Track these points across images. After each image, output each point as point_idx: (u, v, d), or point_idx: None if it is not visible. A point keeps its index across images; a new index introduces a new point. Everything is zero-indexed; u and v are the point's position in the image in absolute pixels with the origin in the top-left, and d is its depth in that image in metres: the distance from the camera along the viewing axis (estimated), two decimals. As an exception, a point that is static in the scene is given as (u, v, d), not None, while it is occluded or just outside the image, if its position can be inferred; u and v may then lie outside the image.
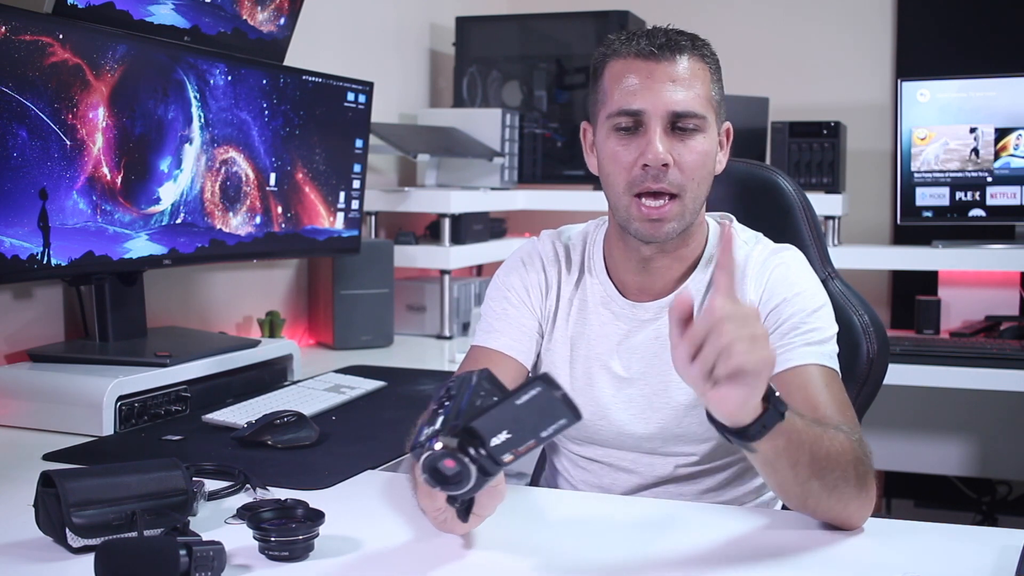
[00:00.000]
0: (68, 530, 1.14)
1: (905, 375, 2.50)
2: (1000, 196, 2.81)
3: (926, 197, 2.86)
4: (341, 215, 2.41)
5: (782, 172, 1.76)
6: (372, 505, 1.36)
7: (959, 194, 2.83)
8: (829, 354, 1.38)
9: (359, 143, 2.44)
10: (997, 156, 2.80)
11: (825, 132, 2.87)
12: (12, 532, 1.21)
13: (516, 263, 1.56)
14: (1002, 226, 2.86)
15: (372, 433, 1.72)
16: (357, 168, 2.44)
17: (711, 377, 1.04)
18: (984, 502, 3.20)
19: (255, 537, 1.14)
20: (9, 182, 1.62)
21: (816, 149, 2.86)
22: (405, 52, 3.17)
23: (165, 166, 1.92)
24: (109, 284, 1.90)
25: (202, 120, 1.99)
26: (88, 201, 1.76)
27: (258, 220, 2.17)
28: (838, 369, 1.38)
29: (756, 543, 1.22)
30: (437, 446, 1.00)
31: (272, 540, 1.13)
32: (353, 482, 1.45)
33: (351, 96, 2.39)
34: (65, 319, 1.99)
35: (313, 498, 1.27)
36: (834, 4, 3.37)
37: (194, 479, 1.27)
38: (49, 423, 1.71)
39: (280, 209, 2.23)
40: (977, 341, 2.69)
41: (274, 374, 2.10)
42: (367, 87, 2.43)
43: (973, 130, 2.81)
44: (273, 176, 2.20)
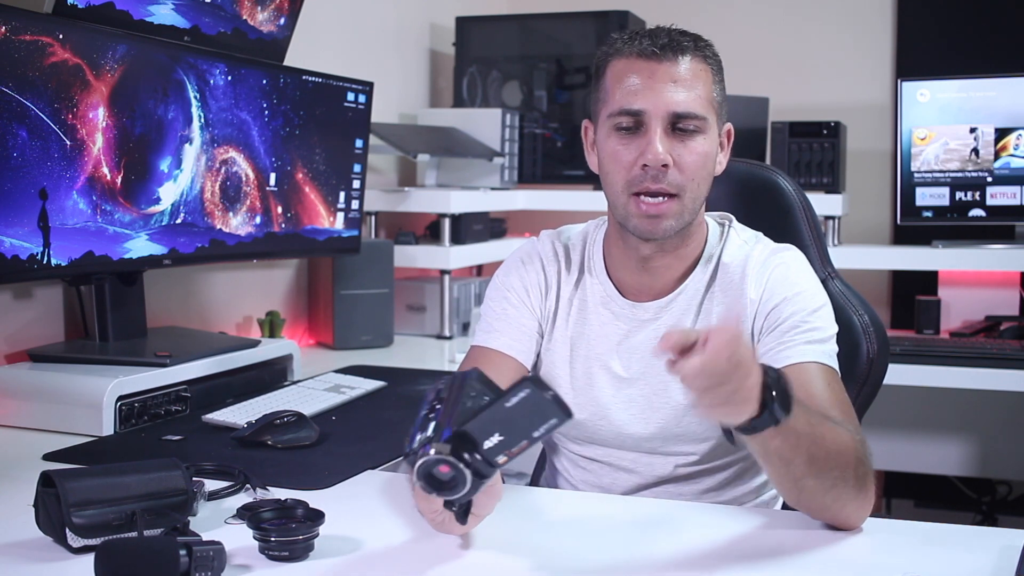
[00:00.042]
0: (68, 530, 1.14)
1: (905, 375, 2.50)
2: (1000, 196, 2.81)
3: (926, 197, 2.86)
4: (341, 215, 2.41)
5: (782, 172, 1.76)
6: (372, 505, 1.36)
7: (959, 194, 2.83)
8: (829, 353, 1.38)
9: (359, 143, 2.44)
10: (997, 156, 2.80)
11: (825, 132, 2.86)
12: (12, 532, 1.21)
13: (516, 263, 1.56)
14: (1002, 226, 2.86)
15: (372, 433, 1.72)
16: (357, 168, 2.44)
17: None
18: (984, 502, 3.20)
19: (255, 537, 1.14)
20: (9, 182, 1.62)
21: (816, 149, 2.86)
22: (405, 52, 3.17)
23: (165, 166, 1.92)
24: (109, 284, 1.90)
25: (202, 120, 1.99)
26: (88, 201, 1.76)
27: (258, 220, 2.17)
28: (838, 369, 1.38)
29: (756, 543, 1.22)
30: (431, 452, 1.01)
31: (272, 540, 1.13)
32: (353, 482, 1.45)
33: (351, 96, 2.39)
34: (65, 319, 1.99)
35: (313, 498, 1.27)
36: (834, 4, 3.37)
37: (194, 479, 1.27)
38: (49, 423, 1.71)
39: (280, 209, 2.23)
40: (977, 341, 2.69)
41: (274, 374, 2.10)
42: (367, 87, 2.43)
43: (973, 130, 2.81)
44: (273, 176, 2.20)
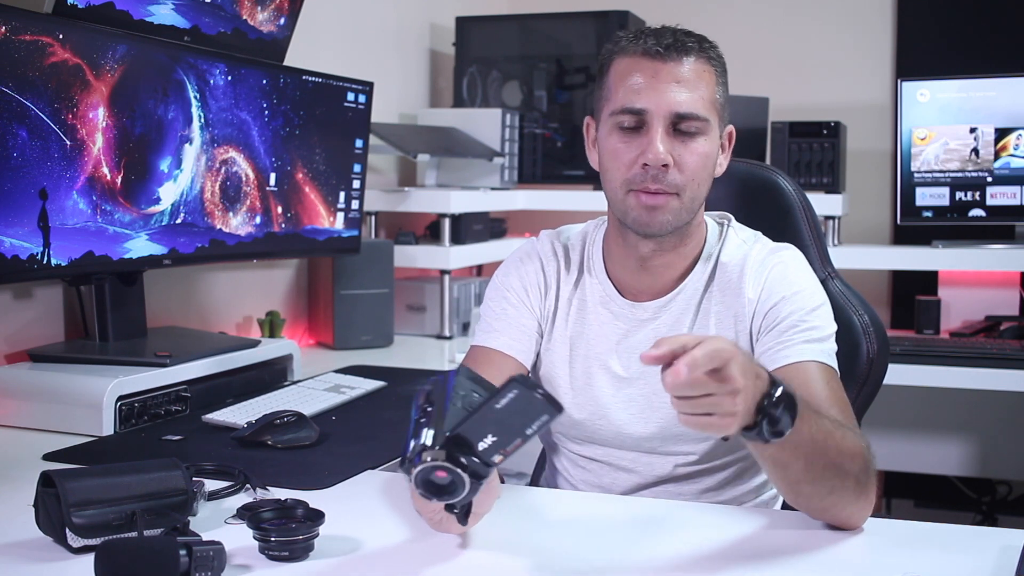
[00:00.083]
0: (68, 530, 1.14)
1: (905, 375, 2.50)
2: (1000, 196, 2.81)
3: (926, 197, 2.86)
4: (341, 215, 2.41)
5: (782, 172, 1.76)
6: (372, 505, 1.36)
7: (959, 194, 2.83)
8: (828, 352, 1.38)
9: (359, 143, 2.44)
10: (997, 156, 2.80)
11: (825, 132, 2.86)
12: (12, 532, 1.21)
13: (515, 263, 1.56)
14: (1002, 226, 2.86)
15: (372, 433, 1.72)
16: (357, 168, 2.44)
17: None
18: (984, 502, 3.20)
19: (255, 537, 1.14)
20: (9, 182, 1.62)
21: (816, 149, 2.86)
22: (405, 52, 3.17)
23: (165, 166, 1.92)
24: (109, 284, 1.90)
25: (202, 120, 1.99)
26: (88, 201, 1.76)
27: (258, 220, 2.17)
28: (837, 368, 1.38)
29: (756, 543, 1.22)
30: (427, 459, 1.01)
31: (272, 540, 1.13)
32: (353, 482, 1.45)
33: (351, 96, 2.39)
34: (65, 319, 1.99)
35: (313, 498, 1.27)
36: (834, 4, 3.37)
37: (194, 479, 1.27)
38: (49, 423, 1.71)
39: (280, 209, 2.23)
40: (977, 341, 2.69)
41: (274, 374, 2.10)
42: (367, 87, 2.43)
43: (973, 130, 2.81)
44: (273, 176, 2.20)
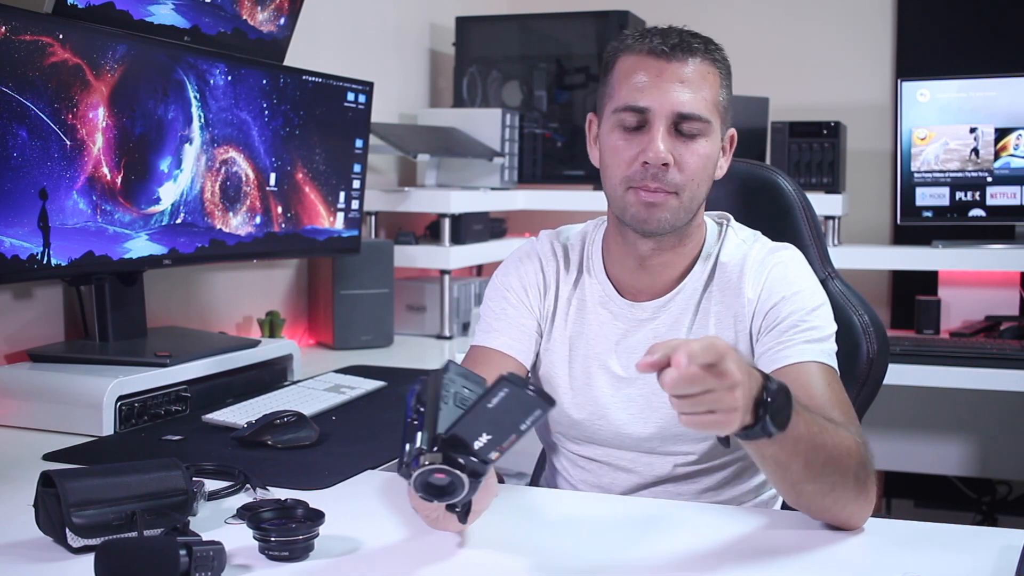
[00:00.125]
0: (68, 530, 1.14)
1: (905, 375, 2.50)
2: (1000, 196, 2.81)
3: (926, 197, 2.86)
4: (341, 215, 2.41)
5: (782, 172, 1.76)
6: (372, 505, 1.36)
7: (959, 194, 2.83)
8: (828, 352, 1.38)
9: (359, 143, 2.44)
10: (997, 156, 2.80)
11: (825, 132, 2.86)
12: (12, 532, 1.21)
13: (514, 263, 1.56)
14: (1002, 226, 2.86)
15: (372, 433, 1.72)
16: (357, 168, 2.44)
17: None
18: (984, 502, 3.20)
19: (255, 537, 1.14)
20: (9, 182, 1.62)
21: (816, 149, 2.86)
22: (405, 52, 3.17)
23: (165, 166, 1.92)
24: (109, 284, 1.90)
25: (202, 120, 1.99)
26: (88, 201, 1.76)
27: (258, 220, 2.17)
28: (837, 368, 1.38)
29: (755, 543, 1.22)
30: (424, 462, 1.01)
31: (272, 540, 1.13)
32: (353, 482, 1.45)
33: (351, 96, 2.39)
34: (65, 319, 1.99)
35: (313, 498, 1.27)
36: (834, 4, 3.37)
37: (194, 479, 1.27)
38: (49, 423, 1.71)
39: (280, 209, 2.23)
40: (977, 341, 2.69)
41: (274, 374, 2.10)
42: (367, 87, 2.43)
43: (973, 130, 2.81)
44: (273, 176, 2.20)
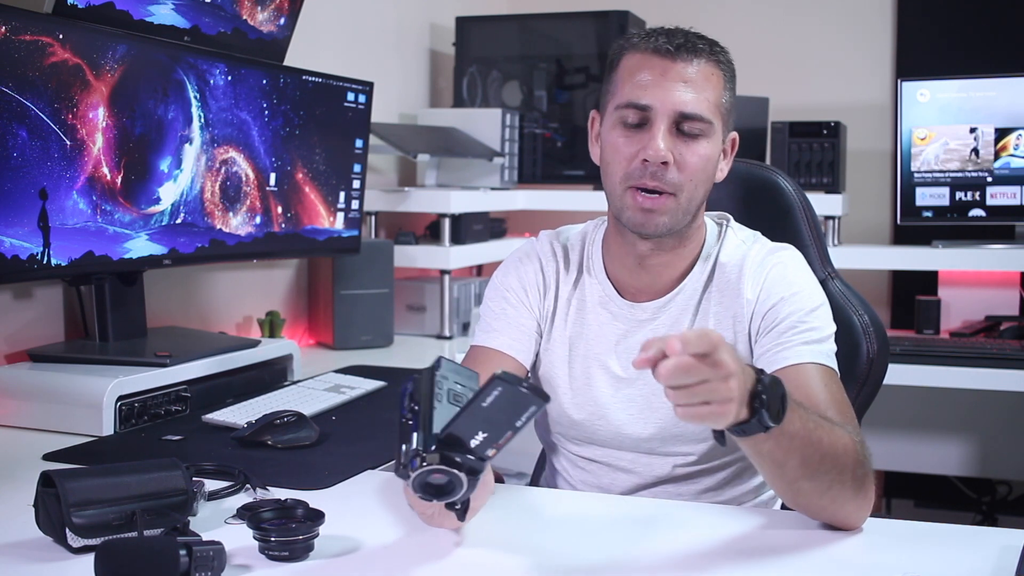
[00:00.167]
0: (68, 530, 1.14)
1: (905, 375, 2.50)
2: (1000, 196, 2.81)
3: (926, 197, 2.86)
4: (341, 215, 2.41)
5: (782, 172, 1.76)
6: (372, 505, 1.36)
7: (959, 194, 2.83)
8: (827, 353, 1.38)
9: (359, 143, 2.44)
10: (997, 156, 2.80)
11: (825, 132, 2.86)
12: (12, 532, 1.21)
13: (514, 263, 1.56)
14: (1002, 226, 2.86)
15: (372, 433, 1.72)
16: (357, 168, 2.44)
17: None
18: (984, 502, 3.20)
19: (255, 537, 1.14)
20: (9, 182, 1.62)
21: (816, 149, 2.86)
22: (405, 52, 3.17)
23: (165, 166, 1.92)
24: (109, 284, 1.90)
25: (202, 120, 1.99)
26: (88, 201, 1.76)
27: (258, 220, 2.17)
28: (836, 368, 1.38)
29: (755, 543, 1.23)
30: (421, 463, 1.01)
31: (272, 540, 1.13)
32: (353, 482, 1.45)
33: (351, 96, 2.39)
34: (65, 319, 1.99)
35: (313, 498, 1.27)
36: (834, 4, 3.37)
37: (194, 479, 1.27)
38: (49, 423, 1.71)
39: (280, 209, 2.23)
40: (977, 341, 2.69)
41: (274, 374, 2.10)
42: (367, 87, 2.43)
43: (973, 130, 2.81)
44: (273, 176, 2.20)
